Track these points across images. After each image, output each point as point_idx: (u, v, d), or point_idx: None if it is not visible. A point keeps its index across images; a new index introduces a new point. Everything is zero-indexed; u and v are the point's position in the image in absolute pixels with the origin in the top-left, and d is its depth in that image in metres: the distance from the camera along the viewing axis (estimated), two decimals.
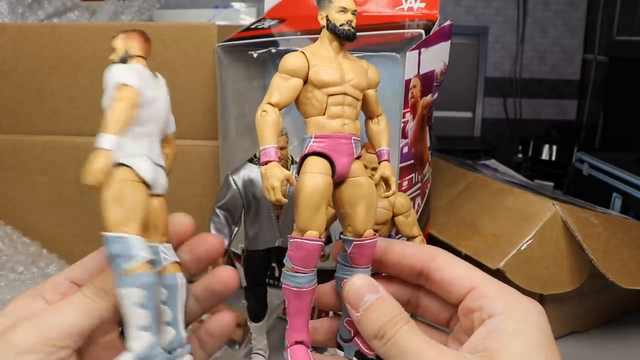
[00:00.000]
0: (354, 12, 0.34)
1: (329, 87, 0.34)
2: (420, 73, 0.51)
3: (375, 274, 0.36)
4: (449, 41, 0.58)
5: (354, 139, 0.34)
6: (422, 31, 0.52)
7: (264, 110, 0.33)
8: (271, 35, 0.58)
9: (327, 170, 0.33)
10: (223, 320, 0.36)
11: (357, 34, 0.36)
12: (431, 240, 0.59)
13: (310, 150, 0.33)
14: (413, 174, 0.54)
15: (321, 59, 0.34)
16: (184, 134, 0.65)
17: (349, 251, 0.34)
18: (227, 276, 0.36)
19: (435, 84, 0.56)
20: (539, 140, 1.17)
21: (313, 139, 0.34)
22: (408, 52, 0.48)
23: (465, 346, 0.30)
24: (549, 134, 1.24)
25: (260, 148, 0.32)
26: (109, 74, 0.33)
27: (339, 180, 0.34)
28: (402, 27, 0.55)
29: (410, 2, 0.58)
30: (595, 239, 0.54)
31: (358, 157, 0.35)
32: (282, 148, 0.38)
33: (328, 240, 0.49)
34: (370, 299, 0.32)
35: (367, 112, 0.37)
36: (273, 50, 0.54)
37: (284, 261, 0.34)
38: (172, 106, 0.39)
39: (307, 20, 0.61)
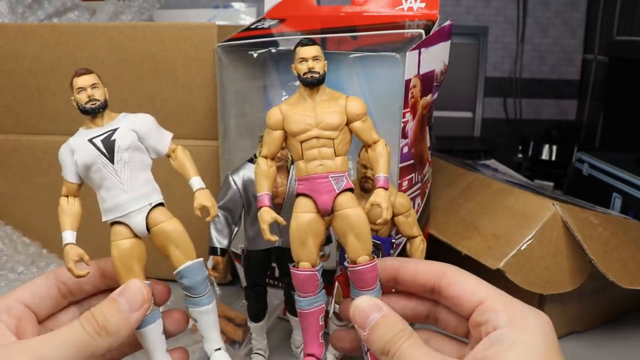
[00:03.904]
0: (315, 58, 0.37)
1: (298, 134, 0.37)
2: (420, 73, 0.51)
3: (396, 292, 0.39)
4: (449, 41, 0.58)
5: (332, 177, 0.37)
6: (422, 31, 0.52)
7: (257, 164, 0.39)
8: (271, 35, 0.58)
9: (311, 209, 0.37)
10: (174, 316, 0.39)
11: (357, 34, 0.37)
12: (431, 240, 0.59)
13: (296, 192, 0.38)
14: (413, 174, 0.54)
15: (294, 108, 0.38)
16: (184, 134, 0.65)
17: (350, 276, 0.38)
18: (179, 318, 0.39)
19: (435, 84, 0.56)
20: (539, 140, 1.17)
21: (297, 182, 0.38)
22: (408, 52, 0.48)
23: (467, 358, 0.31)
24: (549, 134, 1.24)
25: (257, 194, 0.39)
26: None
27: (326, 215, 0.38)
28: (402, 27, 0.55)
29: (410, 2, 0.58)
30: (595, 239, 0.54)
31: (348, 189, 0.38)
32: (282, 148, 0.39)
33: (328, 240, 0.50)
34: (374, 318, 0.34)
35: (362, 141, 0.40)
36: (273, 50, 0.54)
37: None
38: (172, 106, 0.40)
39: (307, 20, 0.61)
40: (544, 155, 1.15)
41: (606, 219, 0.57)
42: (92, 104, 0.36)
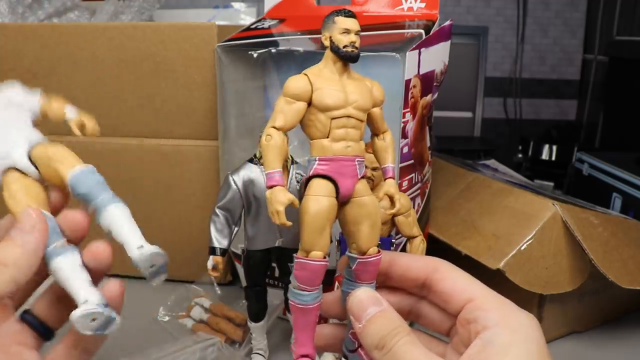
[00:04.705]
0: (357, 33, 0.35)
1: (332, 110, 0.34)
2: (420, 73, 0.51)
3: (379, 287, 0.37)
4: (449, 41, 0.58)
5: (357, 161, 0.35)
6: (422, 31, 0.52)
7: (269, 135, 0.34)
8: (271, 35, 0.58)
9: (331, 193, 0.34)
10: (92, 249, 0.36)
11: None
12: (431, 240, 0.59)
13: (314, 173, 0.34)
14: (413, 174, 0.54)
15: (325, 80, 0.34)
16: (184, 134, 0.65)
17: (353, 267, 0.35)
18: (99, 251, 0.36)
19: (435, 84, 0.56)
20: (539, 140, 1.17)
21: (317, 162, 0.34)
22: (408, 52, 0.48)
23: (462, 359, 0.31)
24: (549, 134, 1.24)
25: (266, 172, 0.33)
26: None
27: (343, 201, 0.35)
28: (402, 27, 0.55)
29: (410, 2, 0.58)
30: (595, 239, 0.54)
31: (363, 177, 0.35)
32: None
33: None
34: (372, 311, 0.33)
35: (373, 129, 0.38)
36: (273, 50, 0.54)
37: (290, 278, 0.35)
38: (172, 106, 0.39)
39: (307, 20, 0.61)
40: (544, 155, 1.15)
41: (606, 219, 0.57)
42: None
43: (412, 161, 0.53)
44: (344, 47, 0.34)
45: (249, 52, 0.55)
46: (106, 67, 0.63)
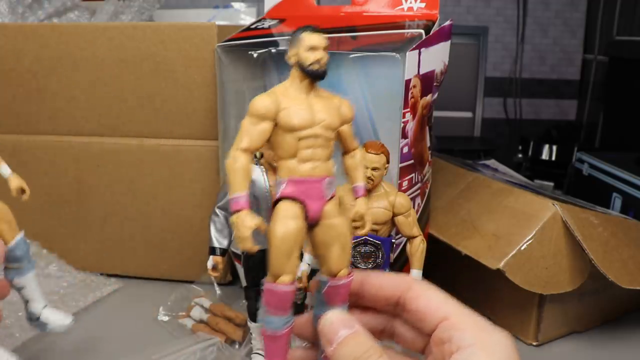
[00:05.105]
0: (324, 49, 0.34)
1: (299, 130, 0.33)
2: (420, 73, 0.51)
3: (352, 306, 0.37)
4: (449, 41, 0.58)
5: (326, 182, 0.34)
6: (422, 31, 0.52)
7: (234, 157, 0.33)
8: (271, 35, 0.58)
9: (299, 215, 0.33)
10: None
11: (357, 34, 0.35)
12: (431, 240, 0.59)
13: (281, 195, 0.33)
14: (413, 174, 0.54)
15: (291, 100, 0.33)
16: (184, 134, 0.65)
17: (324, 291, 0.35)
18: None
19: (435, 84, 0.56)
20: (539, 140, 1.17)
21: (285, 183, 0.34)
22: (408, 52, 0.48)
23: None
24: (549, 134, 1.24)
25: (230, 197, 0.32)
26: None
27: (312, 223, 0.34)
28: (402, 27, 0.55)
29: (410, 2, 0.58)
30: (595, 239, 0.54)
31: (331, 198, 0.35)
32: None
33: None
34: (344, 333, 0.32)
35: (343, 147, 0.37)
36: (273, 50, 0.54)
37: (259, 304, 0.34)
38: (172, 106, 0.39)
39: (307, 20, 0.61)
40: (544, 155, 1.15)
41: (606, 219, 0.57)
42: None
43: (412, 161, 0.53)
44: (310, 64, 0.33)
45: (249, 52, 0.55)
46: (106, 67, 0.63)
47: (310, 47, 0.33)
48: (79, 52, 0.63)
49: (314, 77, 0.34)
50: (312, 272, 0.48)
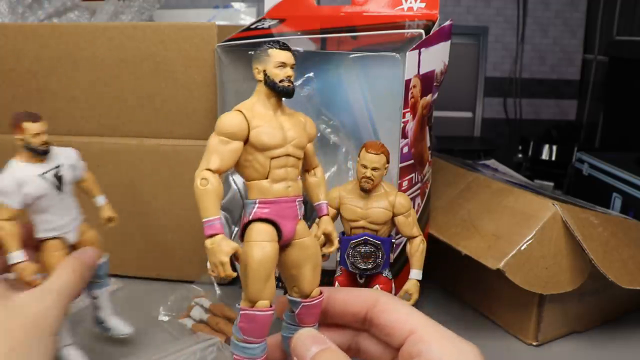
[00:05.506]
0: (292, 67, 0.33)
1: (271, 149, 0.32)
2: (420, 73, 0.51)
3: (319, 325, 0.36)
4: (449, 41, 0.58)
5: (298, 201, 0.34)
6: (422, 31, 0.52)
7: (204, 178, 0.31)
8: (271, 35, 0.58)
9: (273, 237, 0.32)
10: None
11: (357, 34, 0.35)
12: (431, 240, 0.59)
13: (255, 217, 0.32)
14: (413, 174, 0.54)
15: (260, 118, 0.32)
16: (184, 134, 0.65)
17: (297, 312, 0.34)
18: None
19: (435, 84, 0.56)
20: (539, 140, 1.17)
21: (257, 204, 0.32)
22: (408, 52, 0.48)
23: None
24: (549, 134, 1.24)
25: (203, 220, 0.31)
26: None
27: (285, 244, 0.33)
28: (402, 27, 0.55)
29: (410, 2, 0.58)
30: (595, 239, 0.54)
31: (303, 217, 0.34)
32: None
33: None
34: (315, 349, 0.32)
35: (305, 164, 0.36)
36: None
37: (233, 330, 0.33)
38: (172, 106, 0.40)
39: (307, 20, 0.61)
40: (544, 155, 1.15)
41: (606, 219, 0.57)
42: (45, 147, 0.44)
43: (412, 161, 0.53)
44: (281, 81, 0.32)
45: (249, 52, 0.55)
46: (106, 67, 0.63)
47: (280, 63, 0.33)
48: (79, 52, 0.63)
49: (284, 94, 0.33)
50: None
